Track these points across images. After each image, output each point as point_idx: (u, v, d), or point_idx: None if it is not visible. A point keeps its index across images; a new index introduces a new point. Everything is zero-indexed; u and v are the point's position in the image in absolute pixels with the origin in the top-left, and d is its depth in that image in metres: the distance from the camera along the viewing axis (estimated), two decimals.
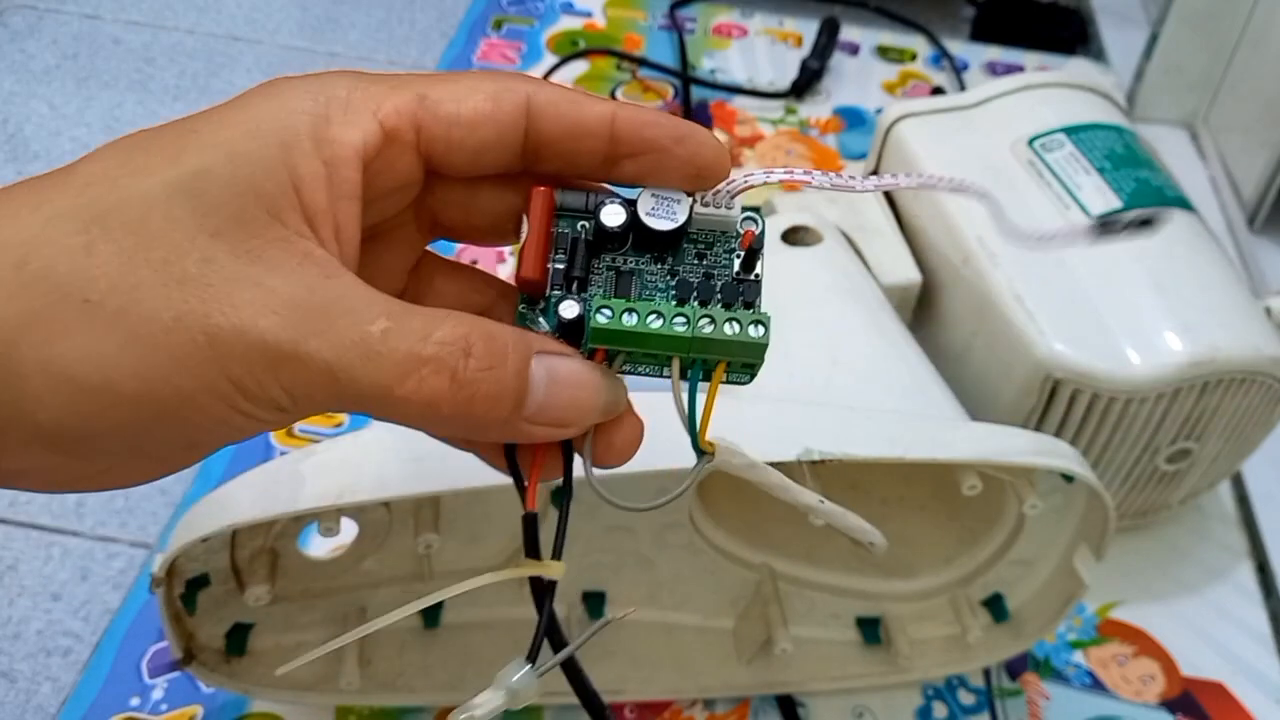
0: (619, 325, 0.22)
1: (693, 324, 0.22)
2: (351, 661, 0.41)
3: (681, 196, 0.23)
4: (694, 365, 0.23)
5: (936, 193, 0.51)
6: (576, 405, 0.22)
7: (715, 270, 0.24)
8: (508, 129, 0.23)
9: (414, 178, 0.23)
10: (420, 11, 0.88)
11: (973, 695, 0.47)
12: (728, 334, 0.22)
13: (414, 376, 0.21)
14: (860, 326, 0.47)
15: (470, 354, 0.21)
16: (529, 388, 0.22)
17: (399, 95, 0.22)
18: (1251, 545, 0.55)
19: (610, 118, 0.23)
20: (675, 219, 0.23)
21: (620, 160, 0.23)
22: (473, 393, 0.21)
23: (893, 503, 0.45)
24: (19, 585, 0.49)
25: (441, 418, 0.21)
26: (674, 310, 0.22)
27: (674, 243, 0.23)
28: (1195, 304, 0.46)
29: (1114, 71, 0.85)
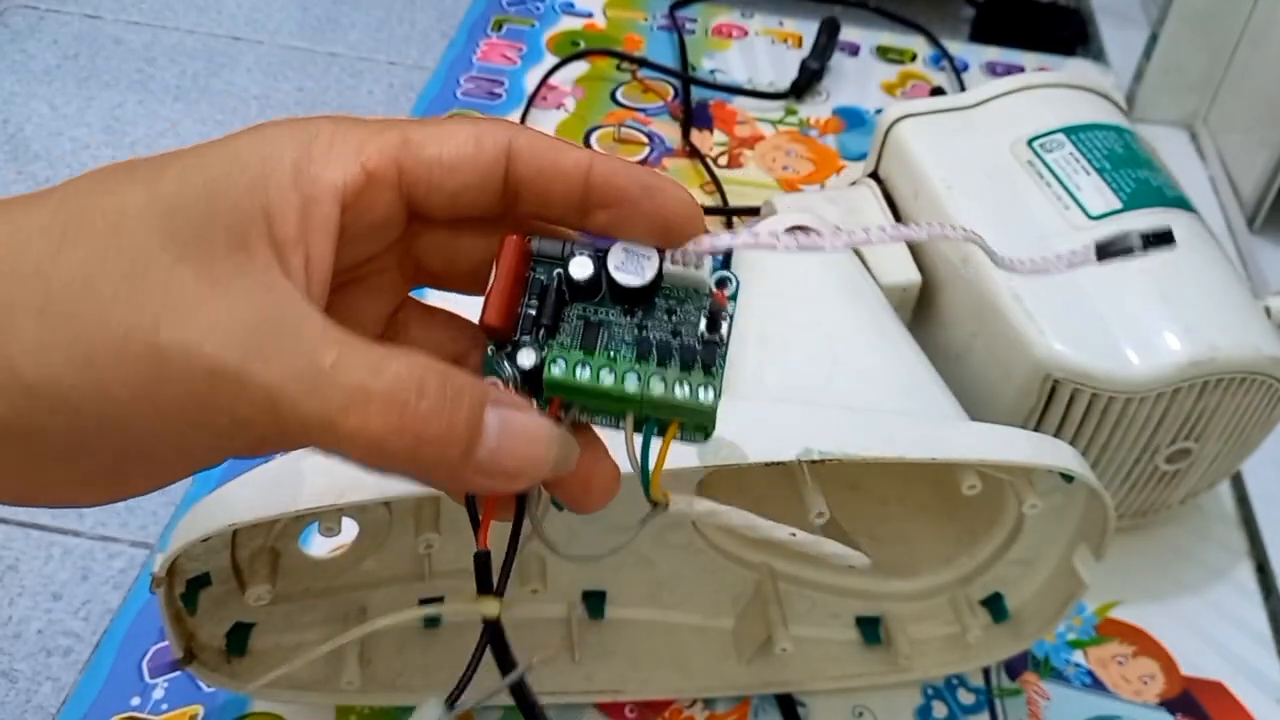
0: (571, 379, 0.23)
1: (644, 383, 0.23)
2: (352, 661, 0.41)
3: (652, 253, 0.24)
4: (647, 420, 0.23)
5: (935, 193, 0.51)
6: (527, 458, 0.22)
7: (682, 328, 0.24)
8: (488, 171, 0.23)
9: (395, 218, 0.24)
10: (420, 11, 0.89)
11: (972, 695, 0.47)
12: (676, 397, 0.23)
13: (360, 411, 0.20)
14: (860, 326, 0.47)
15: (423, 393, 0.21)
16: (481, 435, 0.21)
17: (382, 137, 0.23)
18: (1251, 545, 0.55)
19: (586, 165, 0.24)
20: (643, 276, 0.23)
21: (593, 209, 0.24)
22: (421, 432, 0.21)
23: (893, 503, 0.45)
24: (19, 585, 0.49)
25: (387, 455, 0.21)
26: (627, 367, 0.23)
27: (646, 297, 0.24)
28: (1195, 304, 0.46)
29: (1114, 72, 0.85)
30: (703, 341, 0.23)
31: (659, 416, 0.23)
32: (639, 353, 0.23)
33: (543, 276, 0.24)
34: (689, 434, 0.24)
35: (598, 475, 0.24)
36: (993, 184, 0.51)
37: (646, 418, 0.23)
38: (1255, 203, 0.71)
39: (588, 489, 0.24)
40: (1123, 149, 0.51)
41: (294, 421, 0.20)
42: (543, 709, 0.25)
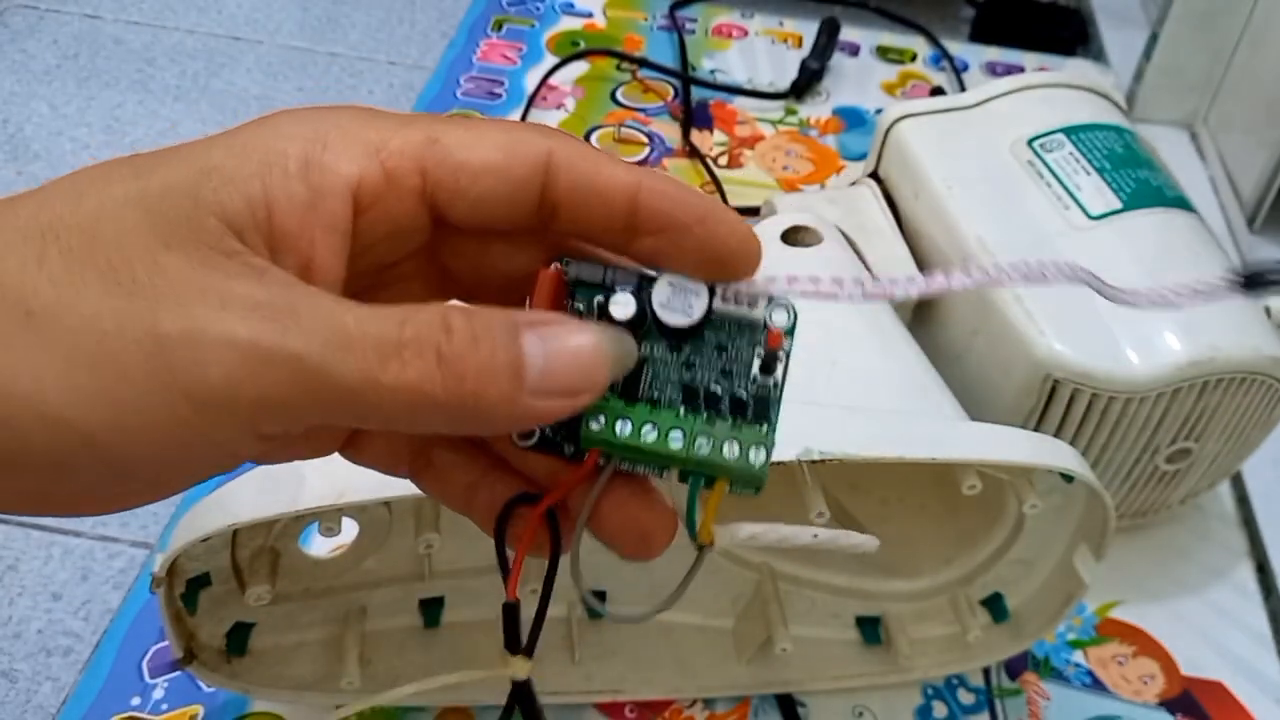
0: (611, 436, 0.21)
1: (688, 443, 0.21)
2: (352, 661, 0.41)
3: (701, 288, 0.22)
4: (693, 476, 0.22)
5: (936, 192, 0.51)
6: (583, 368, 0.20)
7: (734, 367, 0.22)
8: (521, 184, 0.21)
9: (417, 224, 0.22)
10: (420, 11, 0.89)
11: (972, 695, 0.47)
12: (725, 458, 0.21)
13: (396, 360, 0.19)
14: (860, 326, 0.47)
15: (451, 330, 0.19)
16: (525, 358, 0.20)
17: (406, 134, 0.21)
18: (1251, 545, 0.55)
19: (634, 187, 0.21)
20: (690, 315, 0.21)
21: (639, 235, 0.22)
22: (463, 369, 0.19)
23: (893, 503, 0.45)
24: (19, 585, 0.49)
25: (436, 405, 0.19)
26: (671, 422, 0.21)
27: (694, 332, 0.22)
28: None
29: (1114, 71, 0.85)
30: (755, 386, 0.22)
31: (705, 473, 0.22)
32: (685, 398, 0.21)
33: (581, 305, 0.22)
34: (739, 488, 0.22)
35: (656, 526, 0.23)
36: (993, 184, 0.51)
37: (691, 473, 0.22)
38: (1255, 203, 0.71)
39: (647, 540, 0.23)
40: (1123, 149, 0.51)
41: (328, 387, 0.19)
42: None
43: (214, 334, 0.18)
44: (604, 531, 0.23)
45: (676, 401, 0.22)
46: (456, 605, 0.44)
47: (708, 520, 0.22)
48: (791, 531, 0.28)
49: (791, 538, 0.28)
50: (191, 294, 0.19)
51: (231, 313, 0.18)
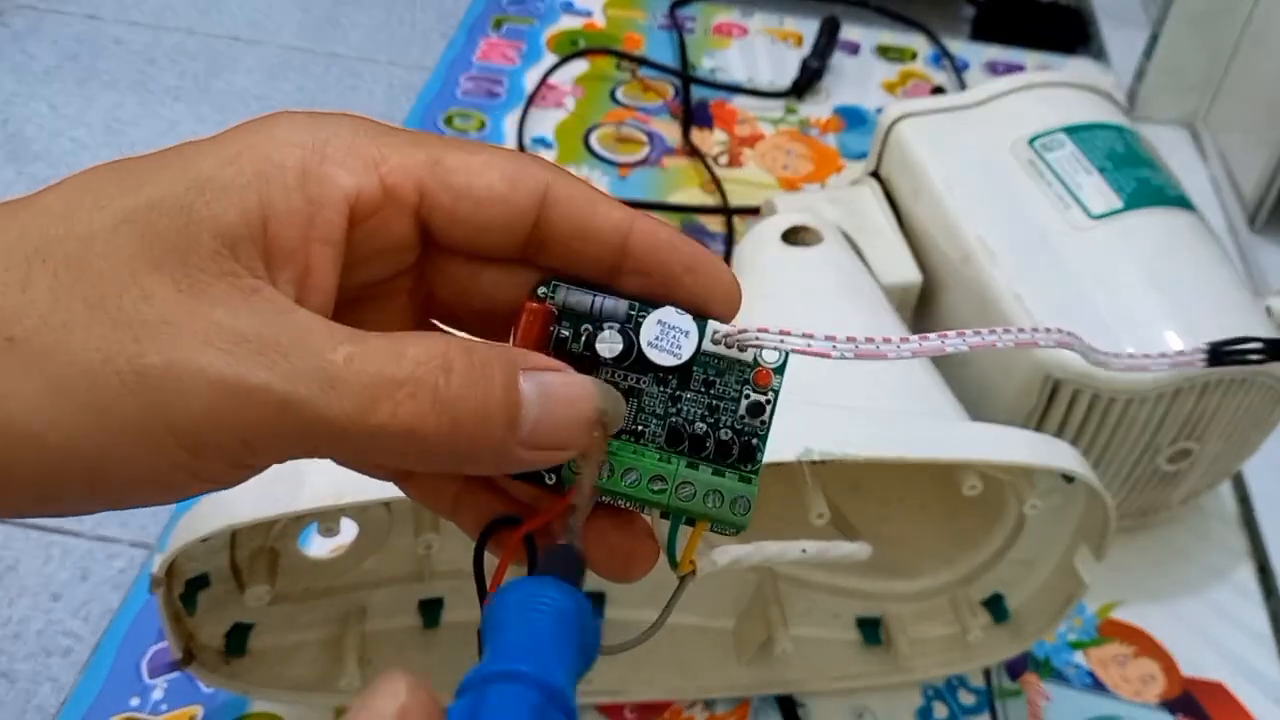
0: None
1: (670, 492, 0.21)
2: (351, 661, 0.41)
3: (691, 328, 0.21)
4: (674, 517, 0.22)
5: (937, 192, 0.51)
6: (575, 423, 0.20)
7: (721, 404, 0.22)
8: (517, 215, 0.21)
9: (407, 243, 0.21)
10: (420, 11, 0.88)
11: (973, 695, 0.47)
12: (706, 508, 0.21)
13: (388, 401, 0.18)
14: (860, 326, 0.47)
15: (450, 369, 0.19)
16: (521, 406, 0.19)
17: (410, 153, 0.21)
18: (1252, 545, 0.55)
19: (625, 230, 0.21)
20: (679, 355, 0.21)
21: (626, 274, 0.22)
22: (458, 413, 0.19)
23: (893, 503, 0.45)
24: (19, 585, 0.49)
25: (426, 447, 0.19)
26: (653, 469, 0.21)
27: (681, 370, 0.22)
28: (1195, 304, 0.46)
29: (1114, 71, 0.85)
30: (743, 426, 0.21)
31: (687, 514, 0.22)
32: (669, 437, 0.21)
33: (567, 332, 0.22)
34: (719, 527, 0.22)
35: (637, 552, 0.23)
36: (993, 183, 0.51)
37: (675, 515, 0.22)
38: (1256, 202, 0.71)
39: (627, 566, 0.23)
40: (1124, 148, 0.51)
41: (313, 426, 0.18)
42: None
43: (196, 369, 0.18)
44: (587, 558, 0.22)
45: (660, 438, 0.21)
46: (456, 606, 0.44)
47: (689, 551, 0.22)
48: (779, 549, 0.27)
49: (779, 555, 0.28)
50: (177, 324, 0.18)
51: (216, 347, 0.18)
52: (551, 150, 0.74)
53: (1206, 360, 0.26)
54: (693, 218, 0.69)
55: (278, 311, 0.19)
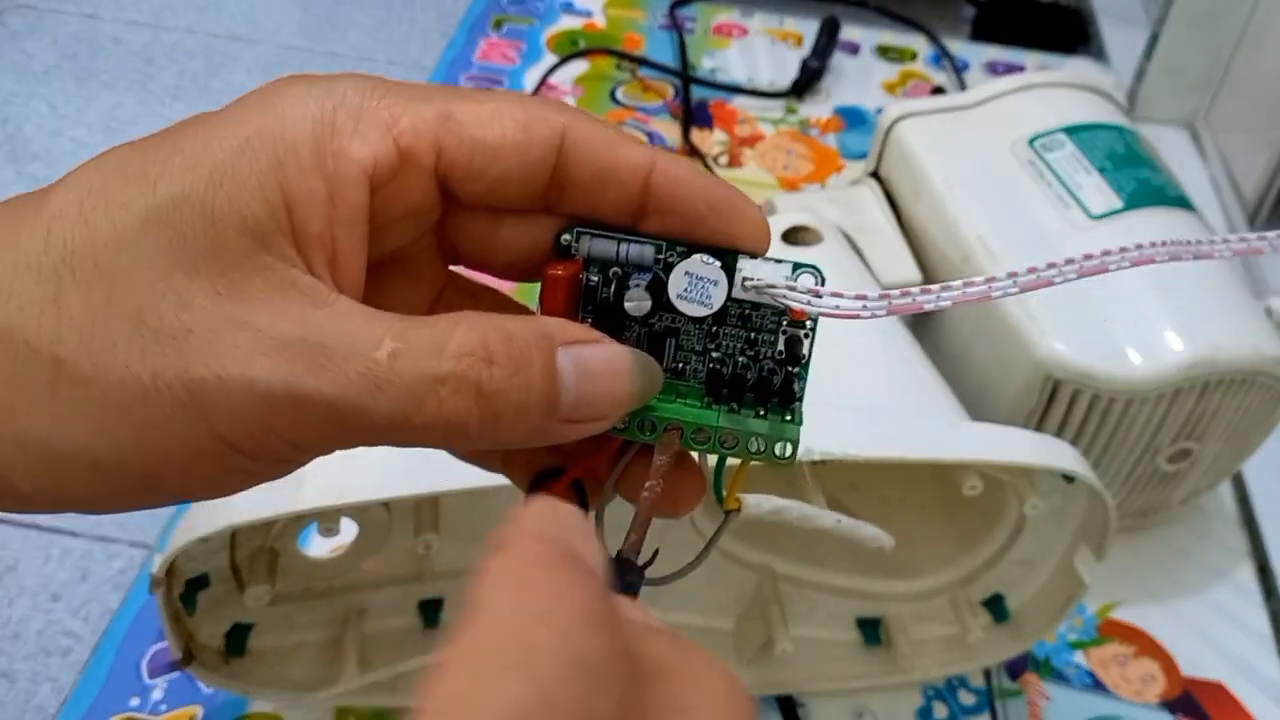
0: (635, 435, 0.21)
1: (714, 442, 0.21)
2: (351, 662, 0.41)
3: (720, 277, 0.21)
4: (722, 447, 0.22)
5: (937, 192, 0.51)
6: (611, 396, 0.20)
7: (759, 342, 0.21)
8: (535, 162, 0.21)
9: (429, 204, 0.21)
10: (420, 11, 0.88)
11: (973, 695, 0.47)
12: (750, 450, 0.21)
13: (432, 399, 0.19)
14: (860, 326, 0.47)
15: (492, 361, 0.19)
16: (559, 388, 0.20)
17: (420, 110, 0.20)
18: (1252, 545, 0.55)
19: (647, 168, 0.21)
20: (709, 305, 0.21)
21: (649, 214, 0.21)
22: (500, 407, 0.19)
23: (893, 503, 0.45)
24: (19, 585, 0.49)
25: (467, 436, 0.19)
26: (696, 417, 0.21)
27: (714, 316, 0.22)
28: (1195, 304, 0.46)
29: (1114, 71, 0.85)
30: (781, 368, 0.21)
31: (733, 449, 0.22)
32: (709, 384, 0.21)
33: (595, 278, 0.21)
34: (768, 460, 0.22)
35: (685, 487, 0.23)
36: (994, 183, 0.51)
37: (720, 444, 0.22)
38: (1256, 202, 0.71)
39: (675, 502, 0.23)
40: (1124, 148, 0.51)
41: (364, 428, 0.19)
42: None
43: (246, 382, 0.18)
44: (634, 493, 0.22)
45: (700, 376, 0.21)
46: (456, 606, 0.44)
47: (734, 488, 0.22)
48: (814, 512, 0.28)
49: (814, 518, 0.28)
50: (220, 333, 0.18)
51: (262, 354, 0.18)
52: None
53: None
54: None
55: (318, 306, 0.19)
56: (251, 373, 0.18)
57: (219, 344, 0.18)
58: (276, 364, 0.18)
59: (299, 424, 0.18)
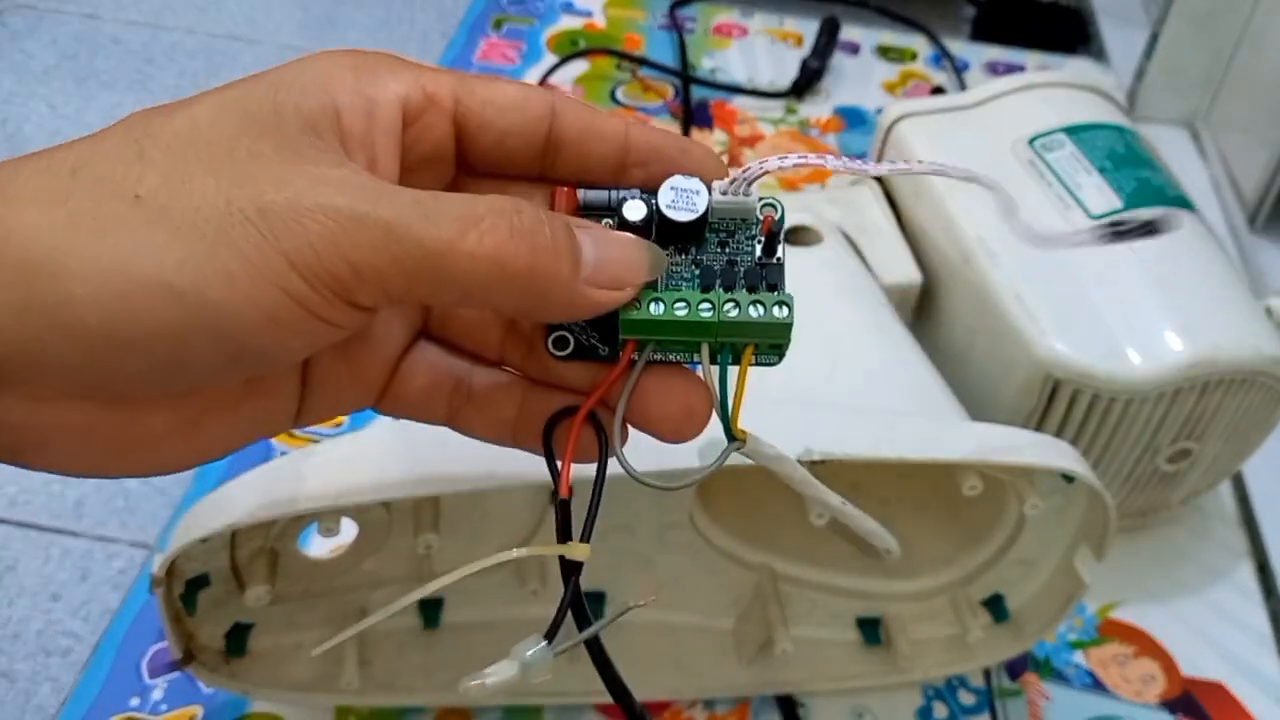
0: (646, 315, 0.23)
1: (718, 309, 0.23)
2: (351, 661, 0.41)
3: (700, 187, 0.24)
4: (722, 349, 0.24)
5: (937, 192, 0.51)
6: (628, 261, 0.23)
7: (738, 257, 0.24)
8: (533, 121, 0.24)
9: (448, 153, 0.24)
10: (420, 11, 0.88)
11: (973, 695, 0.47)
12: (753, 316, 0.23)
13: (474, 230, 0.21)
14: (860, 326, 0.47)
15: (520, 210, 0.21)
16: (580, 248, 0.22)
17: (437, 71, 0.24)
18: (1252, 545, 0.55)
19: (624, 128, 0.25)
20: (695, 209, 0.24)
21: (630, 168, 0.25)
22: (534, 243, 0.21)
23: (893, 503, 0.45)
24: (19, 585, 0.49)
25: (509, 275, 0.21)
26: (699, 297, 0.23)
27: (696, 234, 0.24)
28: (1195, 304, 0.46)
29: (1114, 71, 0.85)
30: (761, 264, 0.24)
31: (735, 341, 0.24)
32: (704, 284, 0.24)
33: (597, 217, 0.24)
34: (764, 356, 0.24)
35: (695, 400, 0.24)
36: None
37: (721, 346, 0.24)
38: (1256, 202, 0.71)
39: (689, 416, 0.25)
40: (1124, 148, 0.51)
41: (414, 251, 0.20)
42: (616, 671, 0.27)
43: (312, 202, 0.20)
44: (647, 418, 0.24)
45: (697, 288, 0.24)
46: (456, 606, 0.44)
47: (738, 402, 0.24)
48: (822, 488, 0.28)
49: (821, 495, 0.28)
50: (289, 173, 0.20)
51: (327, 186, 0.20)
52: None
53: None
54: None
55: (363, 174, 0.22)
56: (319, 198, 0.20)
57: (287, 180, 0.20)
58: (340, 192, 0.20)
59: (359, 241, 0.20)
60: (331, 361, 0.25)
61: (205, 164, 0.20)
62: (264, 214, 0.20)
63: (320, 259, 0.20)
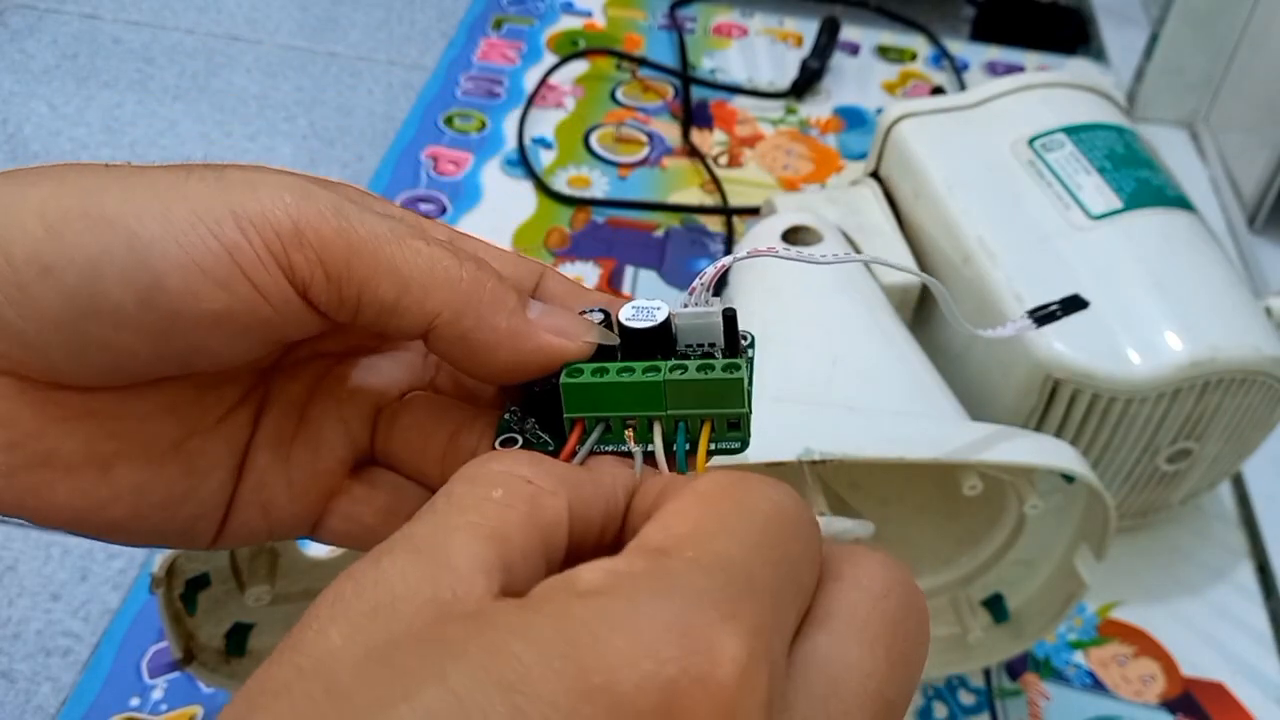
0: (589, 379, 0.22)
1: (664, 372, 0.22)
2: None
3: (662, 305, 0.23)
4: (677, 429, 0.22)
5: (937, 192, 0.51)
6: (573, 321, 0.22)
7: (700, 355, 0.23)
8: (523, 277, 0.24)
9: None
10: (420, 11, 0.88)
11: (973, 695, 0.47)
12: (699, 375, 0.21)
13: (420, 237, 0.20)
14: (860, 326, 0.47)
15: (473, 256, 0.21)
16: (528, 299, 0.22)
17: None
18: (1252, 545, 0.55)
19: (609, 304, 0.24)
20: (654, 319, 0.22)
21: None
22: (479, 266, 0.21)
23: (893, 503, 0.45)
24: (19, 585, 0.49)
25: (450, 279, 0.20)
26: (645, 364, 0.22)
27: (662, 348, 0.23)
28: (1195, 304, 0.46)
29: (1114, 71, 0.85)
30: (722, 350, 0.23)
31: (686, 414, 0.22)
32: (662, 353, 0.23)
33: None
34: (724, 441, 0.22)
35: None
36: (994, 183, 0.51)
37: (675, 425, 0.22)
38: (1256, 202, 0.71)
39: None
40: (1124, 149, 0.51)
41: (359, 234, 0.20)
42: None
43: (271, 175, 0.20)
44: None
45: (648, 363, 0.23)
46: None
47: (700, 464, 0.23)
48: None
49: None
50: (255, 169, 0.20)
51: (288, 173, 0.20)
52: (551, 150, 0.74)
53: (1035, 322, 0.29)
54: (693, 218, 0.69)
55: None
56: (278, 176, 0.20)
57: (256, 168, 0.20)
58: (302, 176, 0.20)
59: (307, 211, 0.20)
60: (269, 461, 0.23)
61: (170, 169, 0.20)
62: (221, 177, 0.20)
63: (264, 213, 0.19)
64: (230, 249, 0.19)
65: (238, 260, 0.19)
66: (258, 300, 0.20)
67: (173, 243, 0.19)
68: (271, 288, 0.20)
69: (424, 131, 0.74)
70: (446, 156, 0.73)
